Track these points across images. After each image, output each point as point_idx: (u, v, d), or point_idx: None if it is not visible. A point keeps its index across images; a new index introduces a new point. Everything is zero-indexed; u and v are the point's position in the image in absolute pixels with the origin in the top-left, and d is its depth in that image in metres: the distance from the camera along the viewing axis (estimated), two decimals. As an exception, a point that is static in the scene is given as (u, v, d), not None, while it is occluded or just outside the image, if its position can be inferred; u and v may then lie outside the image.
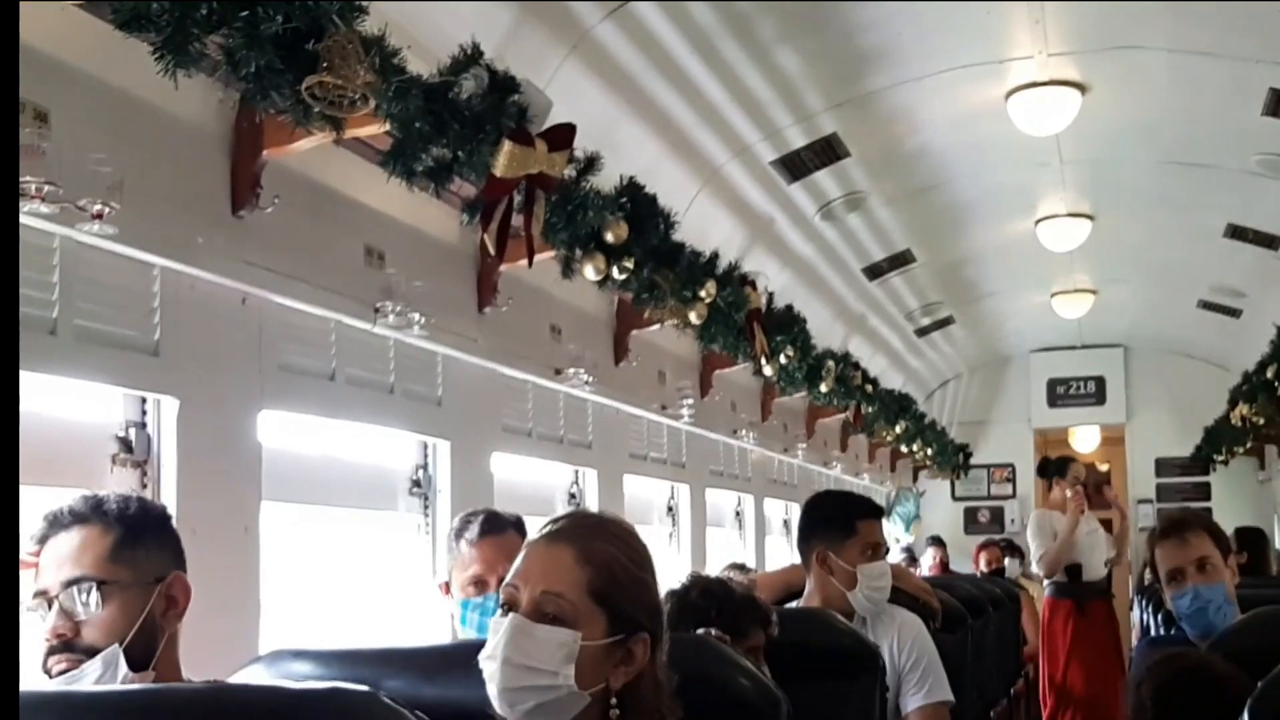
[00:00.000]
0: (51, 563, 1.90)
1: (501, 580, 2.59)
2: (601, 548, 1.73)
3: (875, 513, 3.32)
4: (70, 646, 1.86)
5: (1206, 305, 9.43)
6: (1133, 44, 5.22)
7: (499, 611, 1.73)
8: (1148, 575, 6.27)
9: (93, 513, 1.93)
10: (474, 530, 2.79)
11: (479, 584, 2.75)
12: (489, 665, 1.69)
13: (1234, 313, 9.33)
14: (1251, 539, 6.79)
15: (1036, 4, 4.80)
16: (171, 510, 2.63)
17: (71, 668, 1.86)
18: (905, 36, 5.05)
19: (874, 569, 3.19)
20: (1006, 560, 9.18)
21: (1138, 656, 3.30)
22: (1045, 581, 7.02)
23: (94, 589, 1.88)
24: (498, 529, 2.80)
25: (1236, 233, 7.51)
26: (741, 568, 5.32)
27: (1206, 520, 3.15)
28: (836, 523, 3.25)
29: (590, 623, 1.69)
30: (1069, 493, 6.75)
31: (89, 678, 1.85)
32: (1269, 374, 7.62)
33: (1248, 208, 7.05)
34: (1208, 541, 3.02)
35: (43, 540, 1.93)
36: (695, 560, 6.06)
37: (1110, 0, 4.83)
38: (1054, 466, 7.06)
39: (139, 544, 1.94)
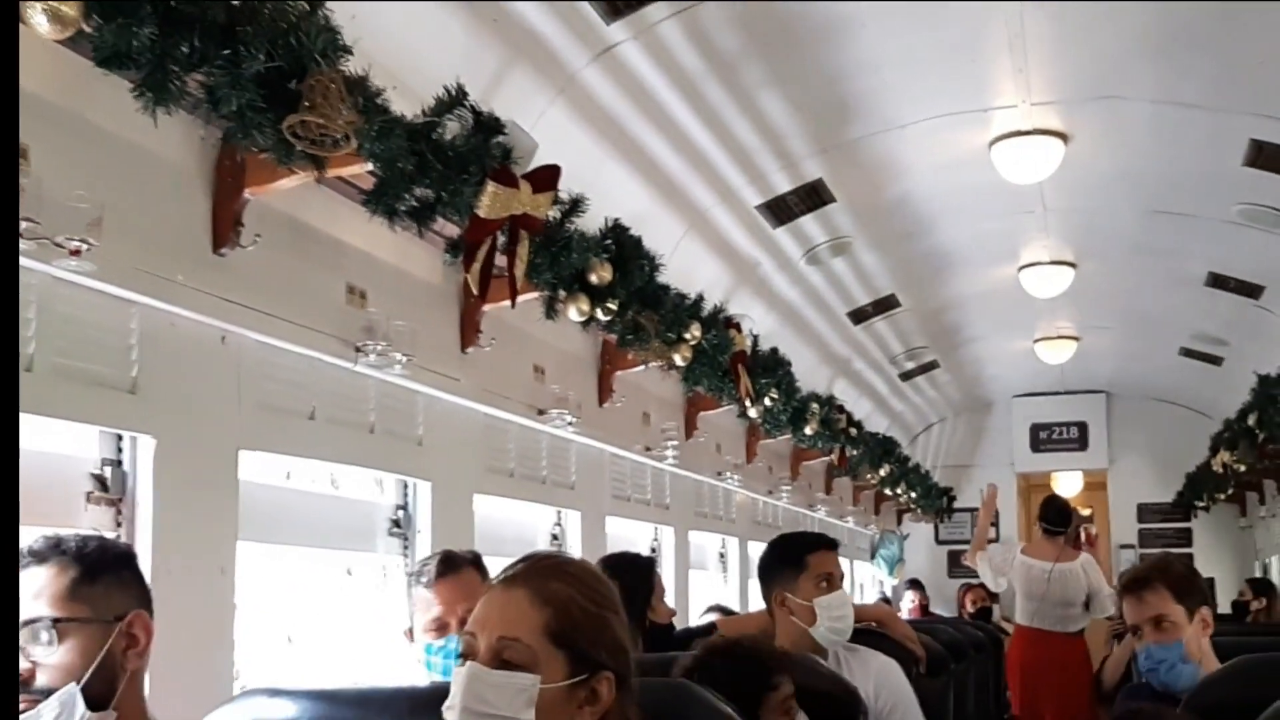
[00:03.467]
0: None
1: (463, 621, 2.59)
2: (558, 588, 1.71)
3: (825, 544, 3.28)
4: (27, 686, 1.83)
5: (1188, 353, 9.48)
6: (1115, 94, 5.27)
7: (458, 660, 1.70)
8: (1117, 623, 6.30)
9: (51, 552, 1.91)
10: (430, 572, 2.77)
11: (440, 626, 2.72)
12: (450, 715, 1.66)
13: (1215, 360, 9.38)
14: (1266, 589, 6.90)
15: (1020, 54, 4.85)
16: (147, 549, 2.63)
17: (29, 708, 1.82)
18: (890, 84, 5.09)
19: (830, 601, 3.15)
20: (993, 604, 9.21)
21: (1116, 706, 3.29)
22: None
23: (50, 627, 1.85)
24: (453, 569, 2.77)
25: (1218, 281, 7.57)
26: (724, 610, 5.30)
27: (1174, 574, 3.05)
28: (787, 560, 3.23)
29: (550, 665, 1.67)
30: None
31: (46, 718, 1.81)
32: (1250, 421, 7.65)
33: (1229, 257, 7.11)
34: (1167, 599, 2.98)
35: None
36: (678, 603, 6.02)
37: (1093, 51, 4.88)
38: (1071, 513, 7.06)
39: (98, 582, 1.91)
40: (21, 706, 1.82)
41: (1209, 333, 8.81)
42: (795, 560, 3.21)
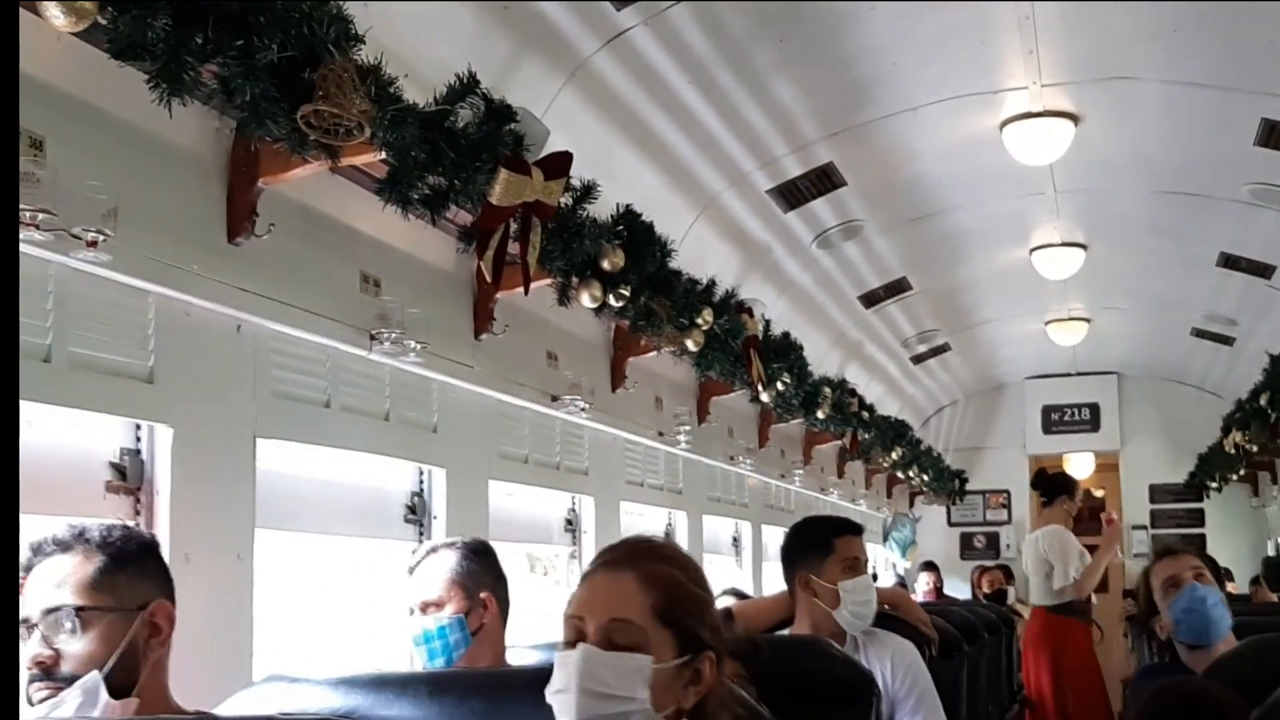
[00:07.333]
0: (34, 591, 1.90)
1: (424, 605, 2.70)
2: (663, 570, 1.74)
3: (852, 529, 3.32)
4: (50, 674, 1.85)
5: (1200, 333, 9.46)
6: (1125, 75, 5.25)
7: (562, 645, 1.72)
8: (1129, 605, 6.32)
9: (75, 541, 1.93)
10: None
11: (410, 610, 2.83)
12: (561, 699, 1.67)
13: (1227, 340, 9.36)
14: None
15: (1030, 35, 4.84)
16: (165, 537, 2.65)
17: (52, 696, 1.84)
18: (901, 67, 5.08)
19: (856, 584, 3.18)
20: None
21: (1134, 687, 3.31)
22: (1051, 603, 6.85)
23: (73, 615, 1.87)
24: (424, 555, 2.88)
25: (1229, 261, 7.55)
26: (739, 594, 5.31)
27: (1199, 550, 3.36)
28: (814, 543, 3.26)
29: (660, 645, 1.69)
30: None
31: (69, 706, 1.83)
32: (1262, 401, 7.64)
33: (1240, 237, 7.09)
34: (1199, 562, 3.23)
35: (27, 570, 1.93)
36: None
37: (1103, 31, 4.87)
38: (1059, 483, 7.03)
39: (121, 571, 1.93)
40: (45, 694, 1.84)
41: (1220, 313, 8.79)
42: (822, 544, 3.23)
